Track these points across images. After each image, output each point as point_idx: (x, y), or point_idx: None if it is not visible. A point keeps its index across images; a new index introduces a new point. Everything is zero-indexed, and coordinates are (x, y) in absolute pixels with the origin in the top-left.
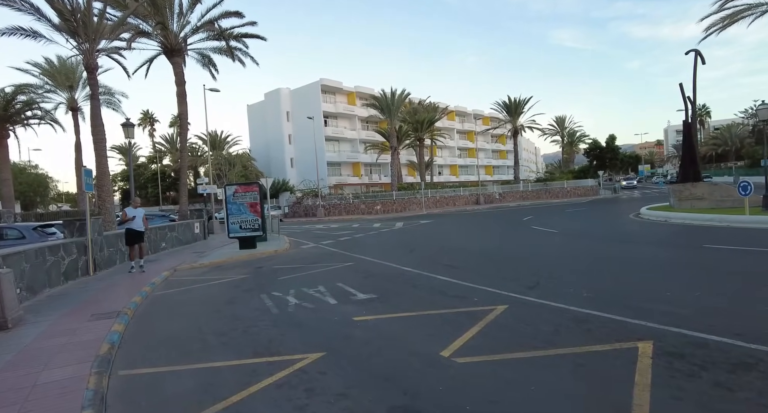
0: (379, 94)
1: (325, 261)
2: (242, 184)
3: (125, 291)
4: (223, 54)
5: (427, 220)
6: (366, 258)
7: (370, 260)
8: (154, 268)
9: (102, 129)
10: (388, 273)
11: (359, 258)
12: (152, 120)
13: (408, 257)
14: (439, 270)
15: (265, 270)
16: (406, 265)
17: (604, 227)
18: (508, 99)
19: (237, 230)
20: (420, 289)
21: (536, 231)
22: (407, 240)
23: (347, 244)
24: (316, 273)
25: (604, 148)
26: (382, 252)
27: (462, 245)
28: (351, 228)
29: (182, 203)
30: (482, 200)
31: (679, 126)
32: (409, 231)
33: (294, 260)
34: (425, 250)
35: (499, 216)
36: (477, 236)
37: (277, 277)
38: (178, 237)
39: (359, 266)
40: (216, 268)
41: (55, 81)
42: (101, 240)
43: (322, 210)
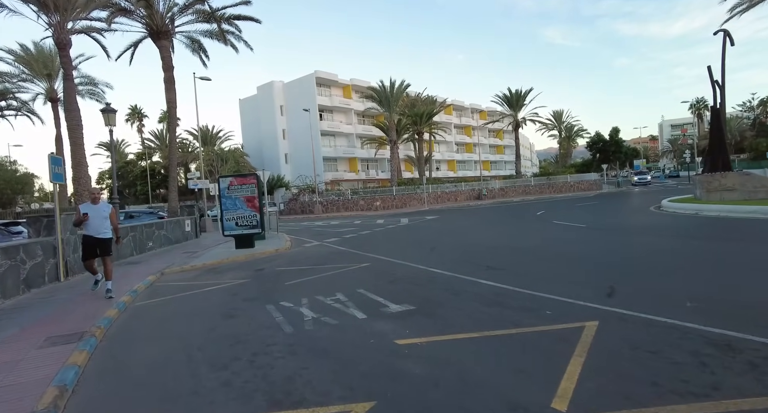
0: (378, 85)
1: (336, 262)
2: (238, 175)
3: (99, 301)
4: (215, 38)
5: (433, 216)
6: (382, 258)
7: (387, 260)
8: (137, 272)
9: (78, 114)
10: (416, 276)
11: (374, 257)
12: (141, 115)
13: (431, 256)
14: (477, 272)
15: (268, 273)
16: (434, 266)
17: (634, 220)
18: (509, 91)
19: (232, 227)
20: (466, 298)
21: (561, 225)
22: (421, 237)
23: (355, 242)
24: (328, 277)
25: (608, 141)
26: (399, 250)
27: (487, 242)
28: (353, 225)
29: (172, 199)
30: (484, 195)
31: (675, 120)
32: (418, 227)
33: (299, 260)
34: (448, 248)
35: (509, 211)
36: (499, 232)
37: (283, 282)
38: (167, 236)
39: (377, 267)
40: (210, 271)
41: (32, 69)
42: (75, 240)
43: (320, 207)
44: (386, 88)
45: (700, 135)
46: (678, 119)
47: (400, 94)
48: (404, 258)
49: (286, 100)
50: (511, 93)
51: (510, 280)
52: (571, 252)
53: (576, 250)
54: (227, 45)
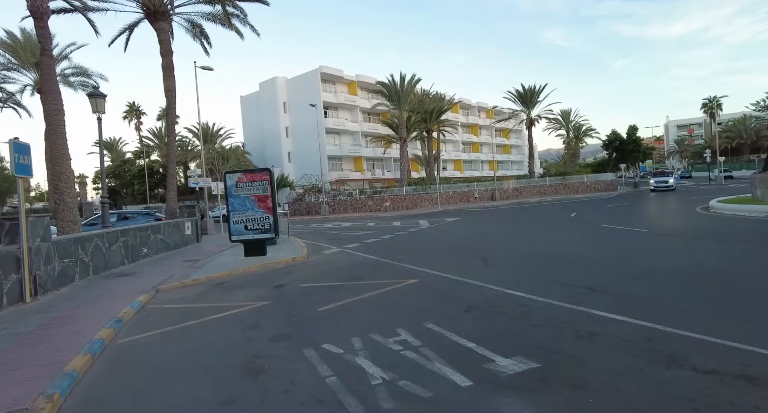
0: (387, 80)
1: (372, 276)
2: (247, 171)
3: (67, 338)
4: (218, 22)
5: (453, 218)
6: (430, 272)
7: (438, 275)
8: (126, 288)
9: (58, 97)
10: (495, 301)
11: (419, 271)
12: (138, 112)
13: (493, 270)
14: (580, 297)
15: (290, 291)
16: (508, 286)
17: (700, 224)
18: (522, 87)
19: (241, 231)
20: (608, 347)
21: (617, 230)
22: (459, 243)
23: (382, 248)
24: (373, 300)
25: (625, 139)
26: (443, 261)
27: (547, 250)
28: (368, 228)
29: (170, 199)
30: (498, 195)
31: (681, 121)
32: (445, 231)
33: (325, 273)
34: (505, 259)
35: (537, 213)
36: (549, 238)
37: (315, 306)
38: (164, 241)
39: (431, 285)
40: (217, 287)
41: (19, 58)
42: (48, 249)
43: (327, 208)
44: (396, 82)
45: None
46: (684, 119)
47: (410, 89)
48: (459, 273)
49: (290, 97)
50: (525, 89)
51: (645, 313)
52: (683, 266)
53: (686, 264)
54: (231, 29)
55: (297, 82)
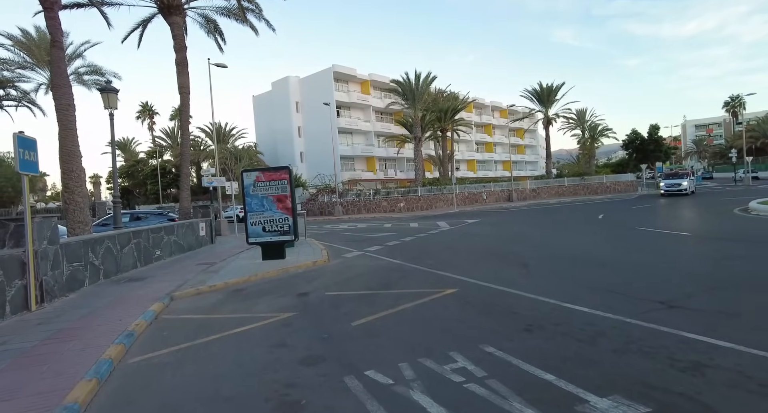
0: (402, 78)
1: (404, 285)
2: (265, 169)
3: (72, 357)
4: (232, 17)
5: (473, 219)
6: (467, 280)
7: (477, 283)
8: (139, 295)
9: (68, 91)
10: (557, 318)
11: (452, 278)
12: (152, 112)
13: (538, 278)
14: (655, 313)
15: (316, 300)
16: (563, 298)
17: (748, 228)
18: (540, 86)
19: (259, 233)
20: (735, 387)
21: (656, 233)
22: (490, 247)
23: (406, 252)
24: (411, 313)
25: (646, 139)
26: (477, 267)
27: (593, 256)
28: (385, 229)
29: (183, 198)
30: (515, 196)
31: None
32: (469, 233)
33: (350, 280)
34: (546, 265)
35: (561, 214)
36: (585, 241)
37: (348, 320)
38: (177, 243)
39: (475, 297)
40: (235, 295)
41: (34, 56)
42: (56, 252)
43: (340, 208)
44: (411, 80)
45: (734, 134)
46: (702, 119)
47: (426, 87)
48: (500, 282)
49: (302, 96)
50: (542, 88)
51: (752, 337)
52: (762, 275)
53: (759, 273)
54: (246, 24)
55: (310, 81)
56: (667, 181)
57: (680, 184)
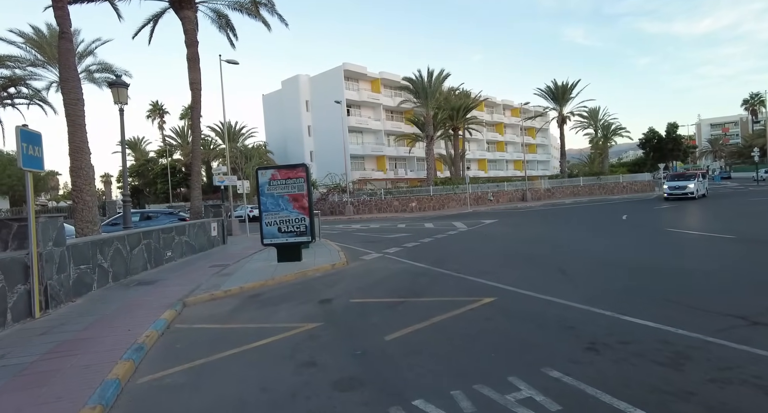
0: (414, 75)
1: (434, 292)
2: (282, 167)
3: (75, 376)
4: (244, 11)
5: (489, 219)
6: (503, 288)
7: (515, 291)
8: (149, 301)
9: (77, 85)
10: (622, 335)
11: (486, 285)
12: (162, 111)
13: (581, 286)
14: (761, 336)
15: (341, 309)
16: (621, 310)
17: None
18: (554, 84)
19: (275, 234)
20: None
21: (693, 236)
22: (515, 250)
23: (427, 254)
24: (451, 326)
25: (664, 138)
26: (509, 271)
27: (634, 261)
28: (400, 230)
29: (194, 197)
30: (529, 196)
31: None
32: (489, 234)
33: (374, 286)
34: (582, 269)
35: (580, 215)
36: (624, 246)
37: (381, 333)
38: (189, 243)
39: (517, 308)
40: (252, 300)
41: (45, 54)
42: (62, 254)
43: (351, 208)
44: (423, 78)
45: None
46: (718, 118)
47: (438, 84)
48: (540, 289)
49: (312, 95)
50: (556, 85)
51: None
52: None
53: None
54: (258, 19)
55: (320, 79)
56: (672, 183)
57: (685, 186)
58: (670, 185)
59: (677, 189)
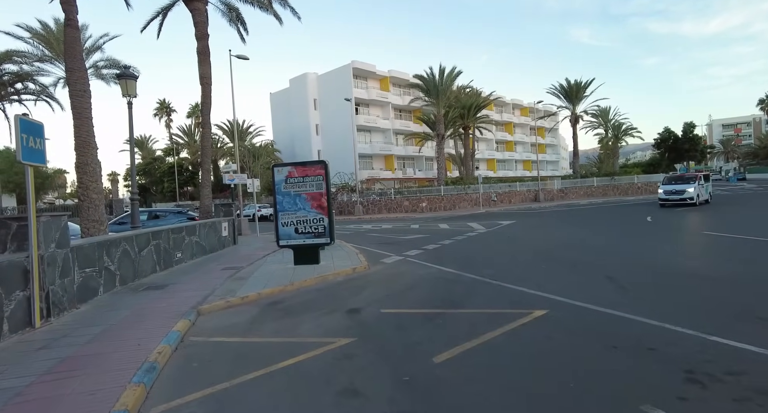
0: (425, 73)
1: (474, 302)
2: (299, 164)
3: (75, 405)
4: (255, 5)
5: (507, 220)
6: (552, 298)
7: (567, 303)
8: (159, 309)
9: (83, 75)
10: (723, 362)
11: (531, 294)
12: (169, 110)
13: (640, 296)
14: None
15: (373, 321)
16: (703, 328)
17: None
18: (567, 82)
19: (291, 235)
20: None
21: (738, 240)
22: (548, 253)
23: (452, 258)
24: (506, 346)
25: (680, 138)
26: (552, 279)
27: (685, 268)
28: (414, 231)
29: (204, 196)
30: (542, 196)
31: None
32: (512, 236)
33: (404, 293)
34: (631, 276)
35: (602, 215)
36: (663, 250)
37: (426, 353)
38: (199, 244)
39: (575, 323)
40: (272, 309)
41: (52, 49)
42: (66, 256)
43: (360, 208)
44: (435, 75)
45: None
46: (730, 118)
47: (450, 82)
48: (597, 301)
49: (320, 94)
50: (569, 84)
51: None
52: None
53: None
54: (270, 12)
55: (328, 77)
56: (667, 187)
57: (683, 190)
58: (665, 189)
59: (674, 194)
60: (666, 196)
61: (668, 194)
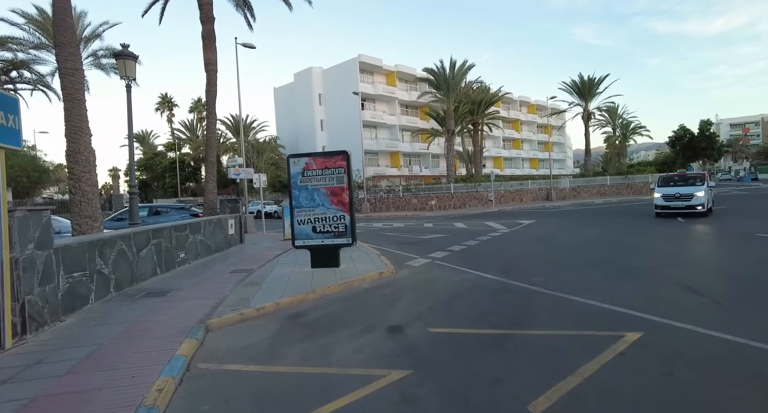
0: (435, 66)
1: (541, 321)
2: (318, 154)
3: None
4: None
5: (525, 220)
6: (635, 315)
7: (659, 322)
8: (160, 322)
9: (75, 52)
10: None
11: (605, 309)
12: (171, 104)
13: (744, 313)
14: None
15: (424, 343)
16: None
17: None
18: (580, 77)
19: (308, 235)
20: None
21: None
22: (592, 257)
23: (484, 261)
24: (609, 380)
25: (696, 136)
26: (619, 289)
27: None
28: (429, 230)
29: (209, 191)
30: (554, 195)
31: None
32: (542, 237)
33: (447, 306)
34: (709, 286)
35: (624, 215)
36: (725, 255)
37: (513, 396)
38: (204, 243)
39: (689, 351)
40: (294, 323)
41: (49, 36)
42: (48, 259)
43: (368, 205)
44: (445, 69)
45: None
46: (737, 118)
47: (461, 76)
48: (694, 320)
49: (325, 88)
50: (582, 80)
51: None
52: None
53: None
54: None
55: (333, 72)
56: (666, 191)
57: (690, 195)
58: (664, 193)
59: (676, 199)
60: (665, 203)
61: (668, 199)
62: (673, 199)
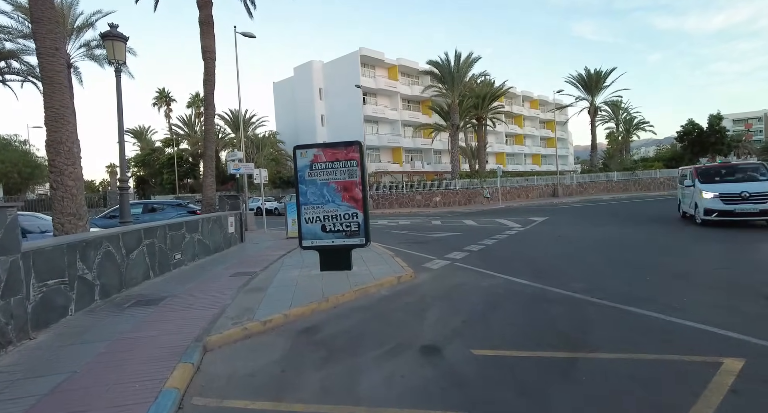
0: (440, 59)
1: (603, 338)
2: (328, 145)
3: None
4: None
5: (537, 217)
6: (718, 334)
7: (752, 343)
8: (149, 338)
9: (54, 30)
10: None
11: (674, 325)
12: (168, 99)
13: None
14: None
15: (471, 371)
16: None
17: None
18: (586, 71)
19: (317, 234)
20: None
21: None
22: (624, 259)
23: (510, 262)
24: None
25: (705, 130)
26: (683, 298)
27: None
28: (438, 228)
29: (207, 186)
30: (560, 191)
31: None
32: (564, 236)
33: (486, 319)
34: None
35: (637, 212)
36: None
37: None
38: (202, 242)
39: None
40: (307, 341)
41: None
42: (15, 265)
43: (370, 201)
44: (450, 61)
45: None
46: (740, 113)
47: (466, 69)
48: None
49: (326, 83)
50: (589, 73)
51: None
52: None
53: None
54: None
55: (334, 66)
56: (723, 189)
57: (763, 194)
58: (721, 192)
59: (741, 201)
60: (725, 206)
61: (730, 201)
62: (739, 201)
